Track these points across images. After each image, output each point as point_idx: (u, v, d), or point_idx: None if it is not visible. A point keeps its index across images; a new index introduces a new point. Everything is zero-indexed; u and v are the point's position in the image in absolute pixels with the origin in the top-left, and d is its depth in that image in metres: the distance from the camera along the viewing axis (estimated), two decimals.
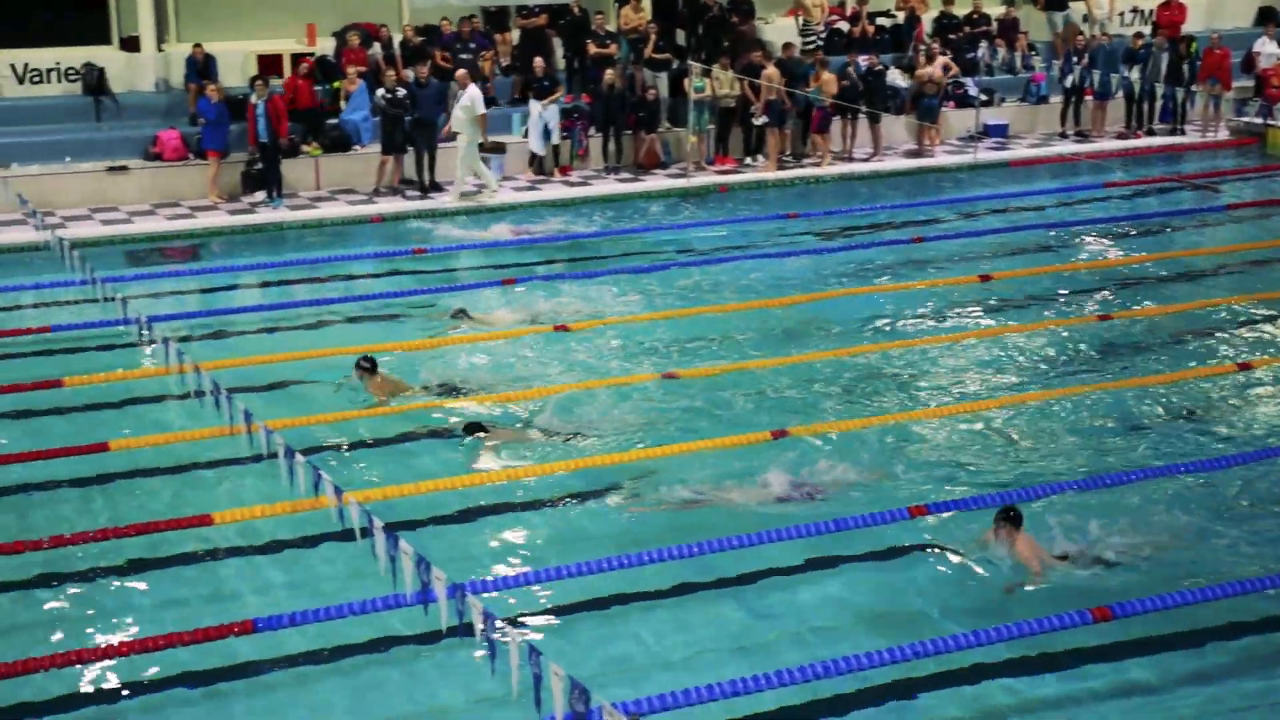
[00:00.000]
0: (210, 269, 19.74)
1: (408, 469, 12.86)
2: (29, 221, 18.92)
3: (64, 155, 23.19)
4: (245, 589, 10.92)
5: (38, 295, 18.10)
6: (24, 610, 10.55)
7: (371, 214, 22.53)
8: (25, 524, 11.81)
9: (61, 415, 14.16)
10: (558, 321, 16.93)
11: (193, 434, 13.29)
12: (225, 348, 15.99)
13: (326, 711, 9.32)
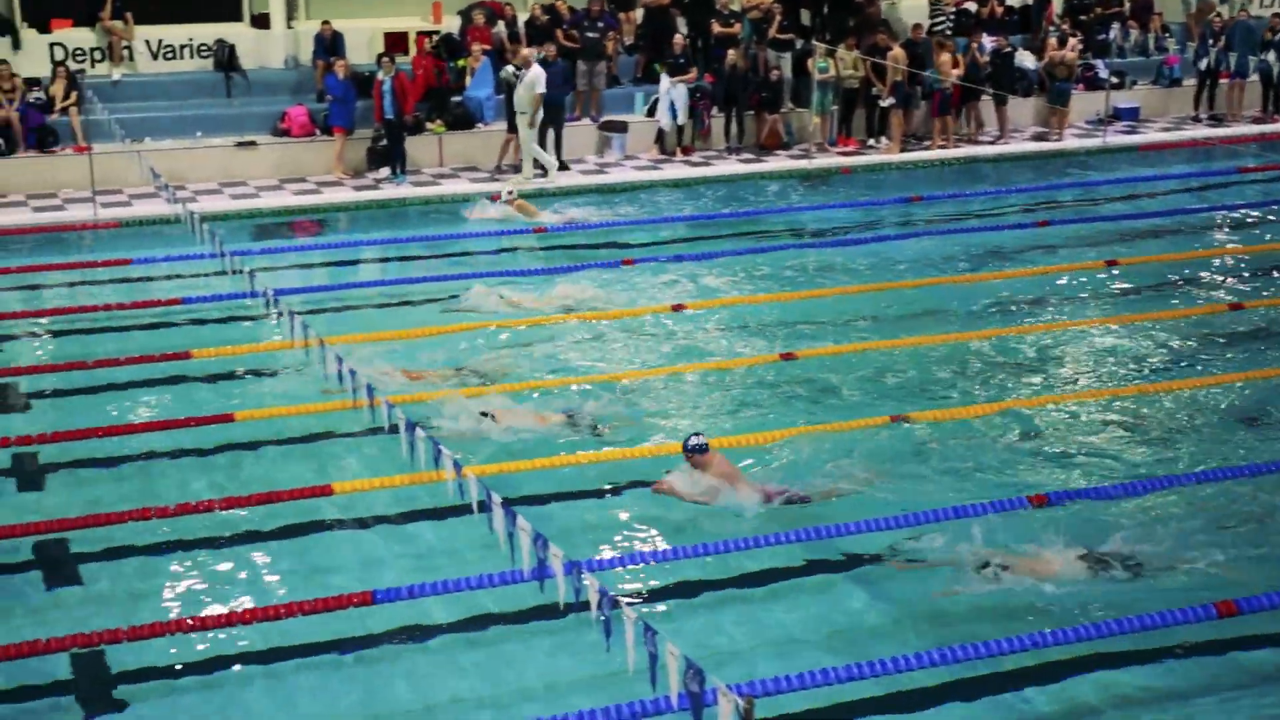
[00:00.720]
0: (335, 244, 19.98)
1: (526, 445, 12.90)
2: (161, 195, 19.28)
3: (195, 130, 23.62)
4: (363, 560, 11.04)
5: (169, 268, 18.44)
6: (151, 576, 10.75)
7: (493, 191, 22.64)
8: (152, 491, 12.04)
9: (189, 385, 14.41)
10: (676, 301, 16.94)
11: (315, 406, 13.47)
12: (348, 322, 16.16)
13: (445, 683, 9.40)
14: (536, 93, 22.65)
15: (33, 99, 22.82)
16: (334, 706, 9.16)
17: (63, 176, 22.17)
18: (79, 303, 17.11)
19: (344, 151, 23.30)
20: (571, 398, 13.91)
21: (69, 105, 22.85)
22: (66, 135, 22.77)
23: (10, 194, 21.82)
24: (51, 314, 16.76)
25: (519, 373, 14.67)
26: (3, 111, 22.30)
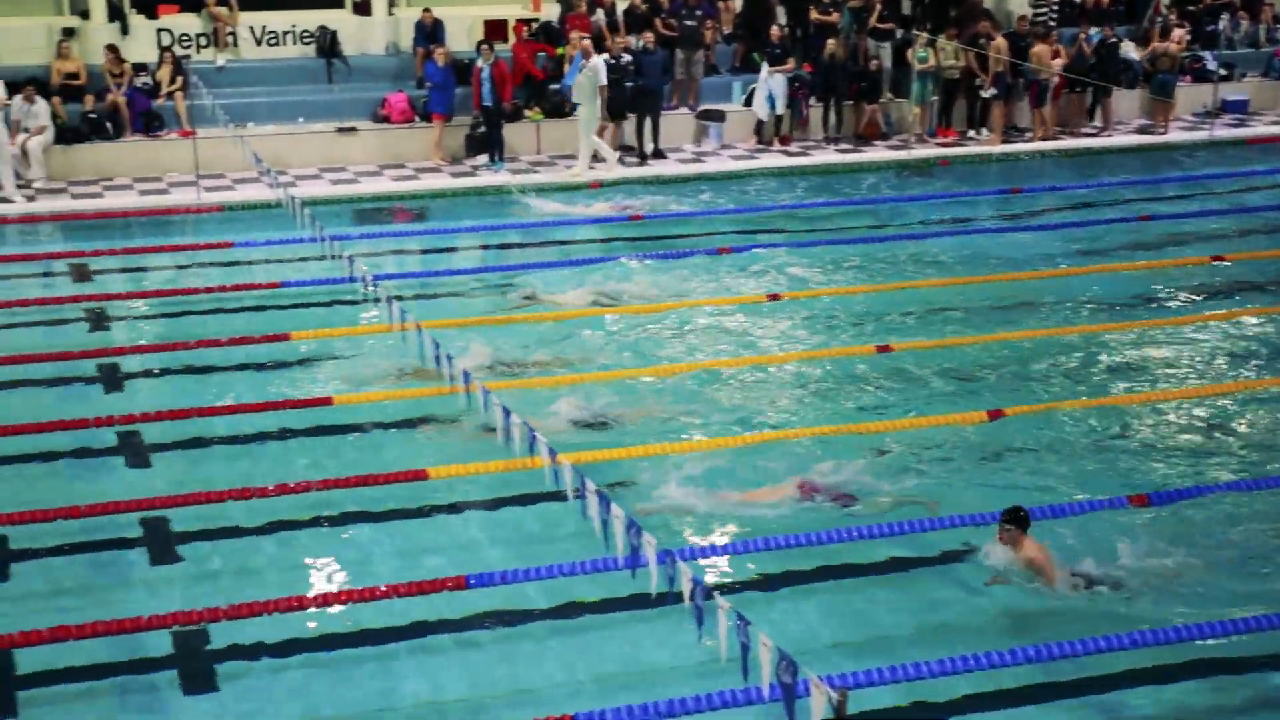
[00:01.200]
0: (432, 230, 20.12)
1: (622, 434, 12.93)
2: (263, 180, 19.50)
3: (297, 116, 23.88)
4: (458, 544, 11.12)
5: (269, 251, 18.67)
6: (250, 555, 10.91)
7: (590, 180, 22.69)
8: (251, 472, 12.20)
9: (288, 368, 14.59)
10: (771, 291, 16.91)
11: (412, 392, 13.58)
12: (446, 308, 16.27)
13: (537, 668, 9.44)
14: (597, 84, 22.64)
15: (140, 84, 23.18)
16: (426, 688, 9.23)
17: (168, 160, 22.52)
18: (182, 285, 17.38)
19: (442, 138, 23.45)
20: (664, 386, 13.91)
21: (175, 90, 23.20)
22: (172, 120, 23.12)
23: (117, 177, 22.19)
24: (155, 295, 17.02)
25: (612, 361, 14.69)
26: (111, 96, 22.68)
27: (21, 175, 21.25)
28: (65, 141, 22.09)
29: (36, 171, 21.47)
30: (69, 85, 22.75)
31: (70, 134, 22.21)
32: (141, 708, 9.11)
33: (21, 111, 21.44)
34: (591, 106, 22.66)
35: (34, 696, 9.16)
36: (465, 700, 9.12)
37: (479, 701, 9.11)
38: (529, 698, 9.09)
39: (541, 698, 9.05)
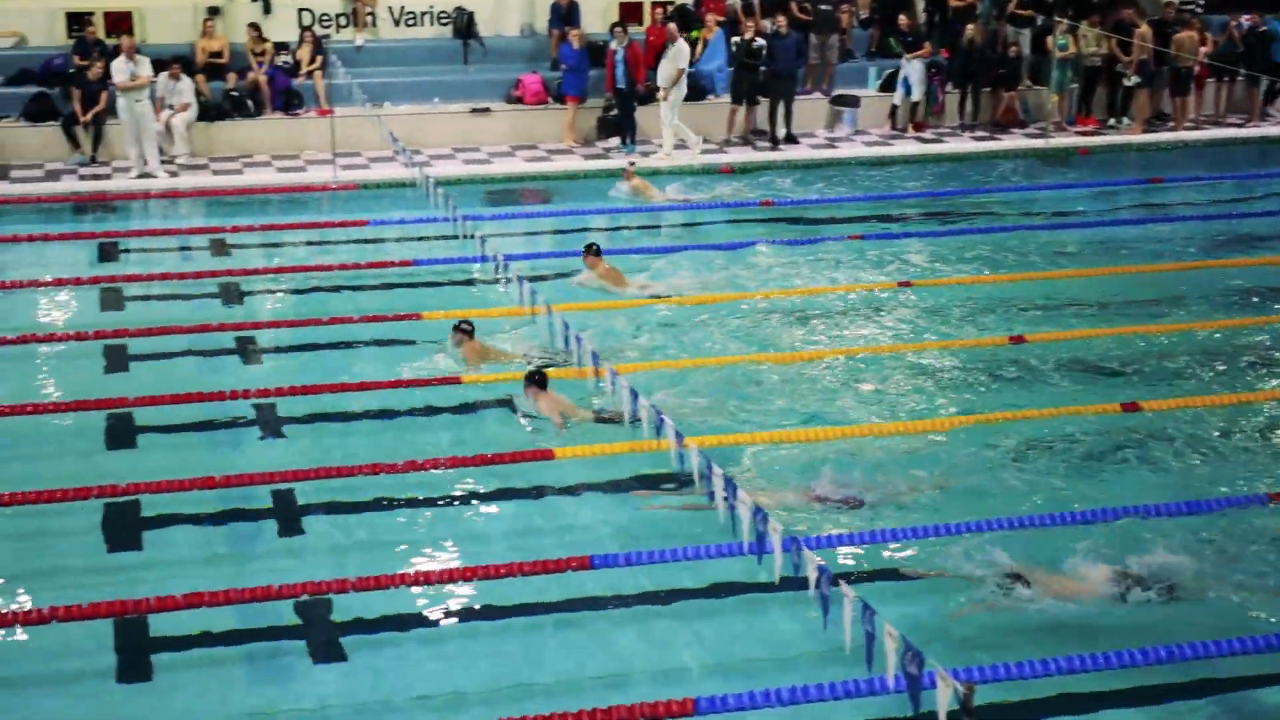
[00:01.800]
0: (564, 211, 20.19)
1: (752, 418, 12.87)
2: (398, 159, 19.73)
3: (432, 96, 24.09)
4: (582, 525, 11.15)
5: (402, 230, 18.86)
6: (377, 529, 11.04)
7: (721, 164, 22.64)
8: (382, 447, 12.34)
9: (419, 347, 14.72)
10: (903, 278, 16.75)
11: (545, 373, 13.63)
12: (577, 290, 16.32)
13: (658, 651, 9.44)
14: (678, 68, 22.47)
15: (280, 63, 23.55)
16: (546, 668, 9.27)
17: (306, 138, 22.86)
18: (316, 261, 17.63)
19: (575, 120, 23.53)
20: (795, 372, 13.84)
21: (314, 70, 23.53)
22: (311, 98, 23.45)
23: (257, 154, 22.58)
24: (291, 271, 17.27)
25: (738, 346, 14.63)
26: (253, 75, 23.07)
27: (165, 151, 21.69)
28: (208, 119, 22.52)
29: (180, 148, 21.91)
30: (213, 63, 23.18)
31: (213, 111, 22.63)
32: (270, 676, 9.27)
33: (167, 89, 21.89)
34: (674, 90, 22.53)
35: (167, 661, 9.36)
36: (580, 679, 9.14)
37: (596, 681, 9.13)
38: (650, 679, 9.09)
39: (664, 680, 9.04)
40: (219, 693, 9.06)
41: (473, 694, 9.00)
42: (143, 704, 8.98)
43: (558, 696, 8.81)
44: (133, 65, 20.89)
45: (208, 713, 8.85)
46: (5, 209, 19.48)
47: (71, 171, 21.22)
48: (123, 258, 17.88)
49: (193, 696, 9.00)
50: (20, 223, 18.85)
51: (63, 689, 9.12)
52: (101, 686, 9.16)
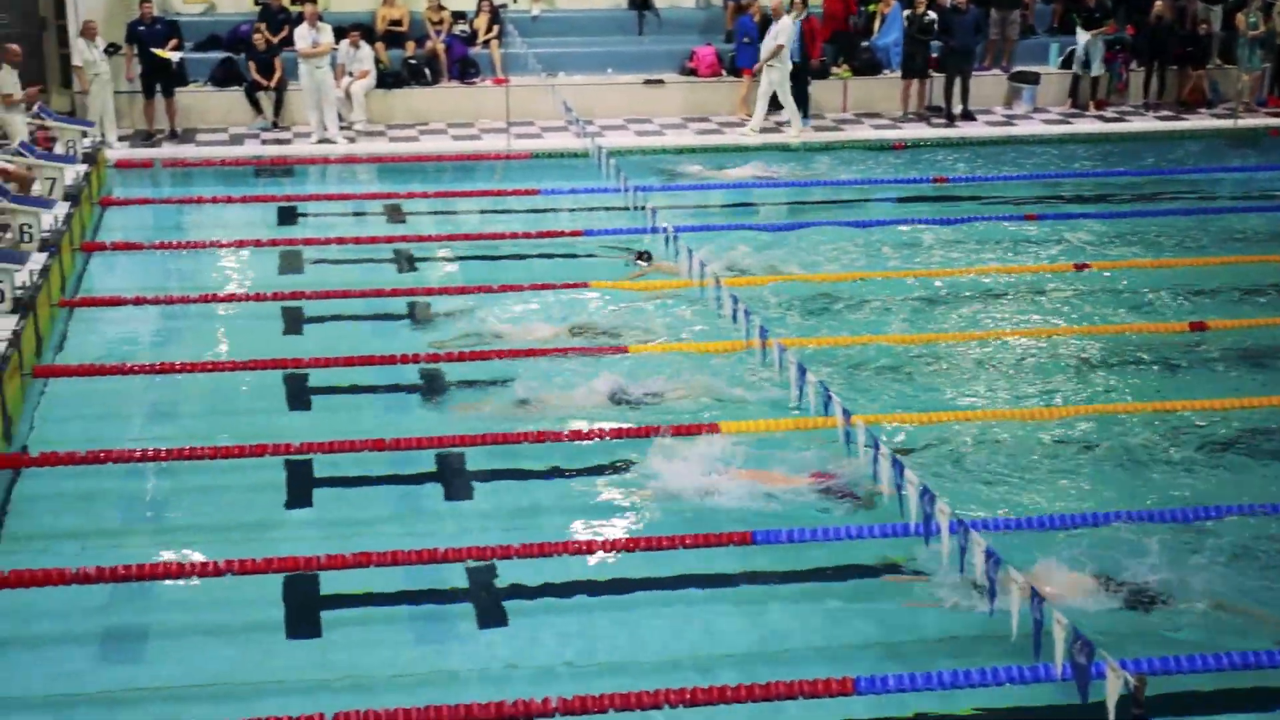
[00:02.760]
0: (734, 184, 20.10)
1: (919, 398, 12.71)
2: (571, 129, 19.83)
3: (606, 66, 24.16)
4: (744, 500, 11.07)
5: (574, 200, 18.96)
6: (542, 495, 11.15)
7: (894, 139, 22.36)
8: (537, 416, 12.41)
9: (589, 317, 14.74)
10: (1078, 260, 16.39)
11: (708, 345, 13.64)
12: (745, 263, 16.25)
13: (816, 629, 9.40)
14: (777, 43, 22.12)
15: (458, 31, 23.81)
16: (706, 639, 9.28)
17: (481, 107, 23.09)
18: (489, 229, 17.81)
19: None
20: (965, 354, 13.64)
21: (490, 38, 23.75)
22: (487, 67, 23.68)
23: (433, 122, 22.88)
24: (463, 239, 17.47)
25: (907, 326, 14.46)
26: (431, 43, 23.36)
27: (344, 117, 22.08)
28: (386, 86, 22.86)
29: (358, 114, 22.28)
30: (392, 31, 23.52)
31: (391, 79, 22.97)
32: (435, 636, 9.42)
33: (347, 56, 22.27)
34: (774, 67, 22.19)
35: (335, 618, 9.56)
36: (738, 655, 9.12)
37: (754, 656, 9.10)
38: (809, 657, 9.04)
39: (822, 658, 8.99)
40: (385, 652, 9.23)
41: (629, 664, 9.04)
42: (310, 659, 9.18)
43: (713, 670, 8.80)
44: (315, 33, 21.30)
45: (374, 670, 9.01)
46: (191, 171, 20.01)
47: (254, 136, 21.72)
48: (301, 221, 18.26)
49: (359, 654, 9.18)
50: (205, 185, 19.36)
51: (234, 640, 9.36)
52: (271, 640, 9.39)
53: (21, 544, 10.37)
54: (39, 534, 10.57)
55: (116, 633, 9.50)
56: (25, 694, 8.79)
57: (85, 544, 10.30)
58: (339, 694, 8.63)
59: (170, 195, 19.18)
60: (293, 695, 8.64)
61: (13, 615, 9.50)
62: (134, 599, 9.72)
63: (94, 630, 9.50)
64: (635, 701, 8.32)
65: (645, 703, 8.30)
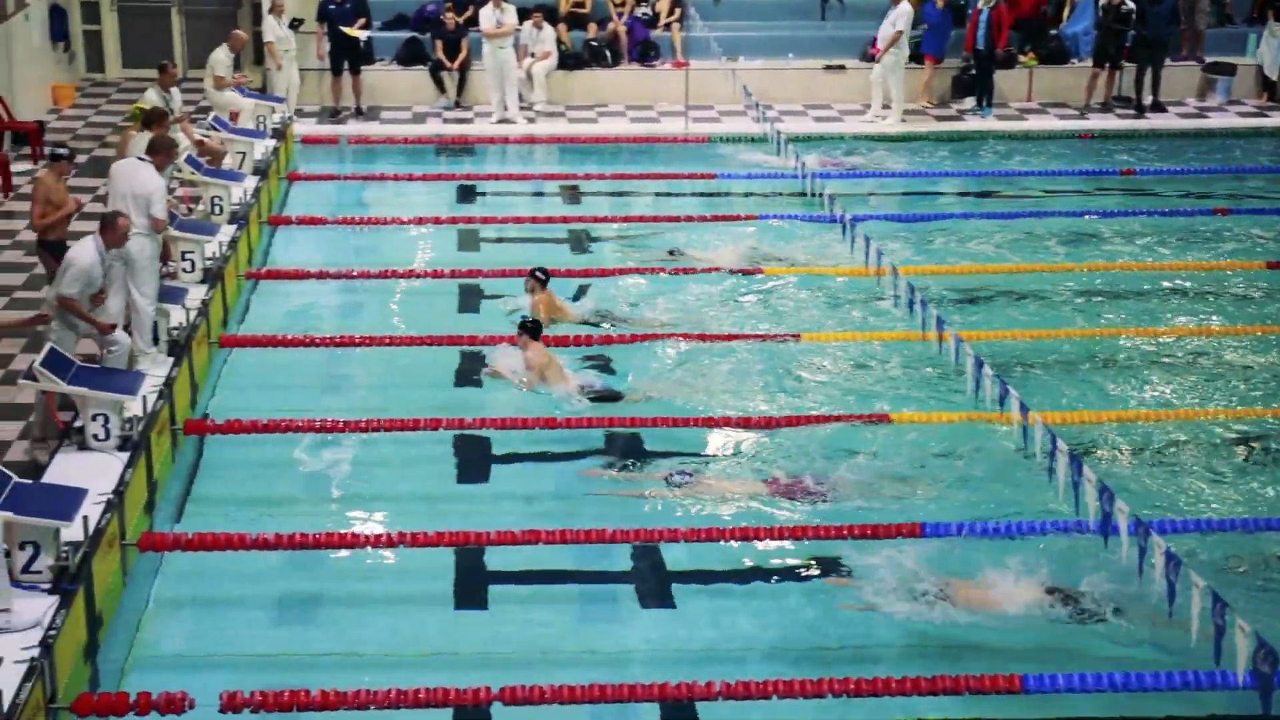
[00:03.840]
0: (912, 172, 19.86)
1: (1100, 396, 12.43)
2: (749, 113, 19.74)
3: (787, 51, 24.00)
4: (912, 492, 10.98)
5: (749, 185, 18.87)
6: (709, 480, 11.12)
7: (1080, 130, 21.86)
8: (716, 403, 12.40)
9: (759, 302, 14.73)
10: (1271, 259, 15.88)
11: (882, 335, 13.51)
12: (921, 253, 16.05)
13: (980, 626, 9.26)
14: (896, 29, 21.55)
15: (640, 14, 23.85)
16: (864, 631, 9.23)
17: (660, 90, 23.08)
18: (664, 212, 17.81)
19: (932, 80, 23.08)
20: (1142, 352, 13.31)
21: (672, 22, 23.74)
22: (667, 50, 23.68)
23: (611, 104, 22.96)
24: (638, 221, 17.49)
25: (1085, 320, 14.15)
26: (612, 25, 23.44)
27: (524, 98, 22.27)
28: (566, 67, 22.99)
29: (538, 95, 22.46)
30: (575, 13, 23.65)
31: (572, 60, 23.09)
32: (599, 616, 9.48)
33: (530, 37, 22.44)
34: (893, 55, 21.67)
35: (502, 593, 9.68)
36: (905, 647, 9.03)
37: (916, 649, 9.00)
38: (976, 653, 8.91)
39: (990, 655, 8.85)
40: (550, 629, 9.31)
41: (786, 651, 9.02)
42: (477, 631, 9.32)
43: (870, 661, 8.72)
44: (499, 13, 21.52)
45: (538, 645, 9.11)
46: (375, 149, 20.37)
47: (436, 115, 22.01)
48: (480, 200, 18.48)
49: (524, 628, 9.29)
50: (387, 163, 19.68)
51: (403, 611, 9.54)
52: (440, 611, 9.54)
53: (204, 508, 10.69)
54: (220, 499, 10.88)
55: (291, 598, 9.75)
56: (204, 652, 9.06)
57: (263, 511, 10.57)
58: (504, 669, 8.73)
59: (354, 171, 19.54)
60: (459, 668, 8.78)
61: (195, 577, 9.81)
62: (309, 566, 9.96)
63: (270, 595, 9.75)
64: (799, 689, 8.30)
65: (809, 690, 8.27)
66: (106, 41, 23.63)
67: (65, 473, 10.01)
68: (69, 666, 8.30)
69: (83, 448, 10.56)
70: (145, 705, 8.07)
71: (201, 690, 8.19)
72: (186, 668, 8.89)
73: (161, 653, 9.12)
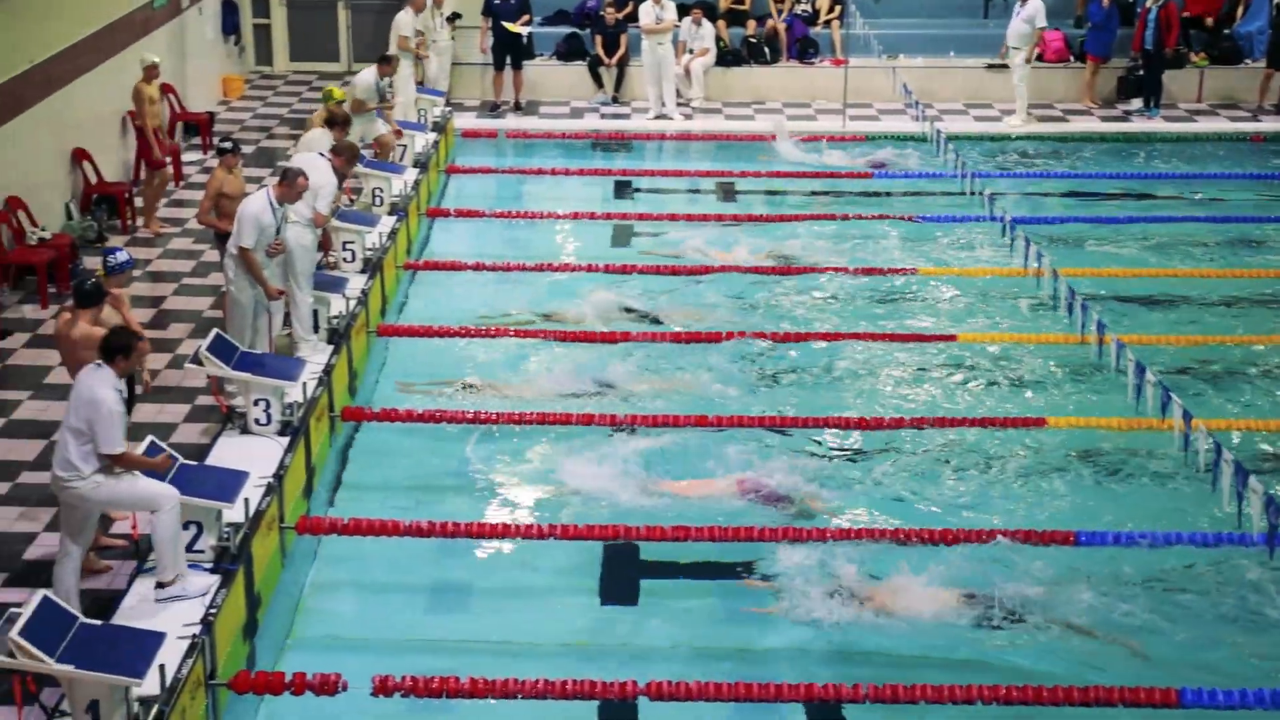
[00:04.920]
0: (1076, 174, 19.51)
1: (1269, 403, 12.11)
2: (909, 112, 19.55)
3: (948, 49, 23.71)
4: (1068, 498, 10.81)
5: (908, 184, 18.68)
6: (840, 480, 11.07)
7: (1251, 132, 21.28)
8: (871, 402, 12.31)
9: (915, 302, 14.59)
10: None
11: (1040, 337, 13.30)
12: (1081, 255, 15.76)
13: (1144, 635, 9.08)
14: (1035, 27, 20.90)
15: (800, 11, 23.74)
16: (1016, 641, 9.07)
17: (817, 87, 22.96)
18: (818, 210, 17.70)
19: (1096, 80, 22.64)
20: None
21: (832, 19, 23.60)
22: (826, 47, 23.54)
23: (769, 100, 22.89)
24: (791, 220, 17.34)
25: (1254, 328, 13.79)
26: (771, 22, 23.36)
27: (682, 94, 22.30)
28: (724, 64, 22.97)
29: (695, 91, 22.47)
30: (734, 9, 23.62)
31: (730, 57, 23.07)
32: (748, 614, 9.45)
33: (689, 33, 22.46)
34: (1023, 52, 21.06)
35: (652, 587, 9.72)
36: (1051, 655, 8.87)
37: (1061, 657, 8.84)
38: (1128, 664, 8.74)
39: (1143, 666, 8.67)
40: (698, 624, 9.32)
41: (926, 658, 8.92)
42: (624, 624, 9.36)
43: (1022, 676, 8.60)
44: (659, 9, 21.56)
45: (686, 640, 9.12)
46: (533, 143, 20.55)
47: (594, 110, 22.13)
48: (635, 196, 18.54)
49: (672, 623, 9.30)
50: (545, 157, 19.83)
51: (551, 602, 9.62)
52: (587, 604, 9.61)
53: (361, 494, 10.90)
54: (376, 485, 11.09)
55: (442, 586, 9.90)
56: (357, 636, 9.22)
57: (418, 499, 10.73)
58: (651, 663, 8.75)
59: (511, 165, 19.71)
60: (606, 660, 8.83)
61: (350, 561, 10.01)
62: (460, 554, 10.09)
63: (422, 581, 9.90)
64: (947, 695, 8.22)
65: (957, 696, 8.19)
66: (275, 35, 24.15)
67: (227, 456, 10.26)
68: (228, 645, 8.51)
69: (245, 431, 10.82)
70: (300, 685, 8.24)
71: (354, 673, 8.34)
72: (340, 650, 9.07)
73: (317, 634, 9.31)
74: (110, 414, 8.34)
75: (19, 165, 14.38)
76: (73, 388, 8.64)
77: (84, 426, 8.34)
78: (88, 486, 8.42)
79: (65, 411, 8.53)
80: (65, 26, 15.71)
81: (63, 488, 8.46)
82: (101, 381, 8.40)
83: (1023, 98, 21.39)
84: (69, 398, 8.55)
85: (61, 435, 8.51)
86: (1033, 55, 21.46)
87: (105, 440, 8.32)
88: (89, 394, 8.35)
